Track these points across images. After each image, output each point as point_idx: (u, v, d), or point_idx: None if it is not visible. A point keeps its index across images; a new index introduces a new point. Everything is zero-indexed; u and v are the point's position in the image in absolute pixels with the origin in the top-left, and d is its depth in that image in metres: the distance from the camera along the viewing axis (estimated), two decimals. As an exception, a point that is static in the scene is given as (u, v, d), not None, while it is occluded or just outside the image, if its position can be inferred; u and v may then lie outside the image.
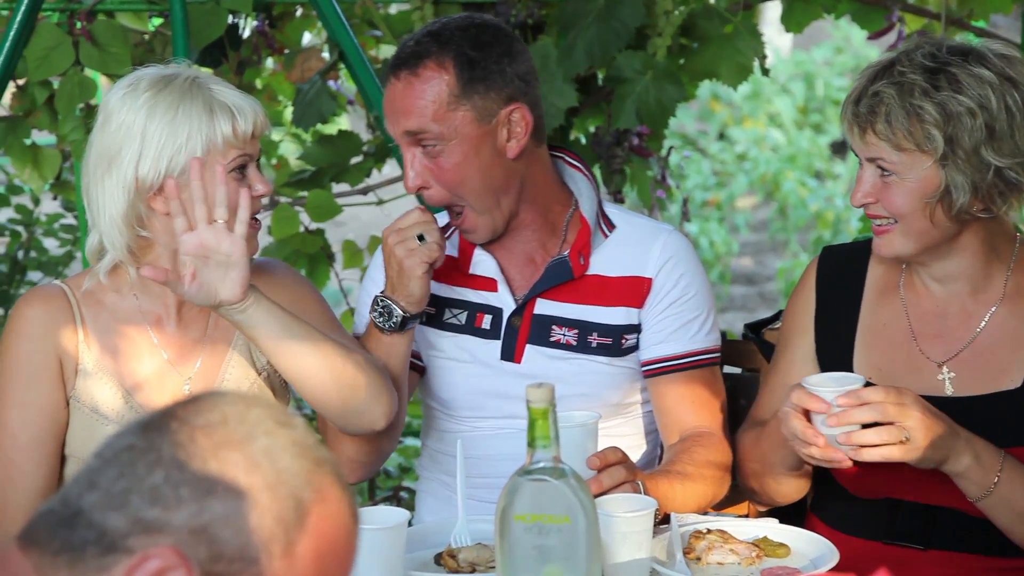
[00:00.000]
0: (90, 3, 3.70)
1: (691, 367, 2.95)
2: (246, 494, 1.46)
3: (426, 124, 2.82)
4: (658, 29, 3.95)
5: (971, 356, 2.73)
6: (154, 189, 2.69)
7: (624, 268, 2.95)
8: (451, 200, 2.87)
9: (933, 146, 2.58)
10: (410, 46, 2.85)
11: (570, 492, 2.14)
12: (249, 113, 2.72)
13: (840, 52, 11.77)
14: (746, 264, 9.42)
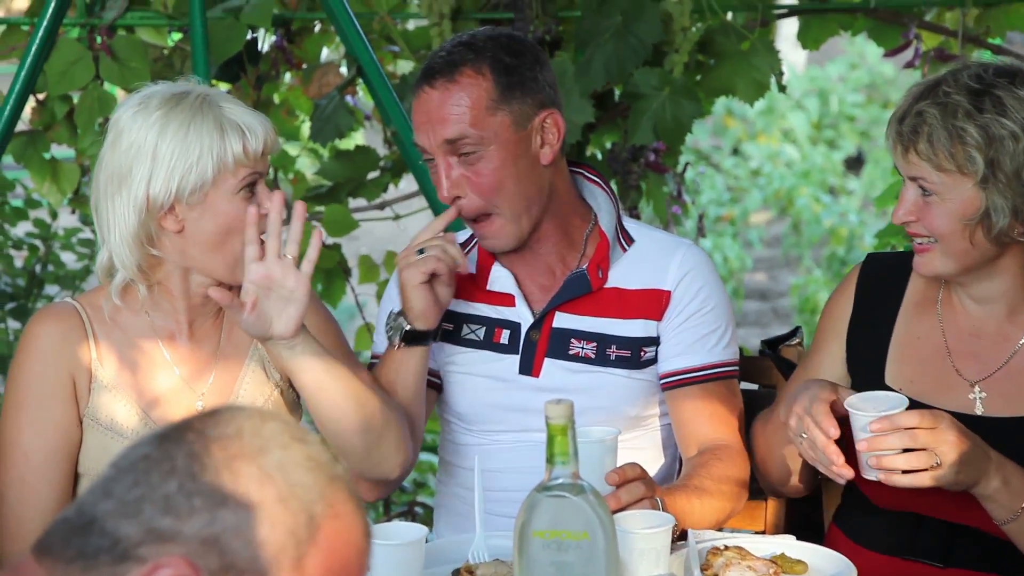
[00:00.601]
0: (110, 18, 3.72)
1: (709, 380, 2.95)
2: (258, 506, 1.46)
3: (465, 130, 2.82)
4: (675, 46, 3.96)
5: (1004, 378, 2.72)
6: (165, 208, 2.67)
7: (643, 281, 2.96)
8: (485, 208, 2.87)
9: (974, 168, 2.59)
10: (442, 56, 2.87)
11: (589, 508, 2.14)
12: (259, 131, 2.72)
13: (855, 68, 11.78)
14: (760, 279, 9.43)
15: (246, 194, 2.71)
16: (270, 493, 1.47)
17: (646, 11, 3.90)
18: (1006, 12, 4.20)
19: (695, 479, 2.83)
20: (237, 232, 2.68)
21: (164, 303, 2.78)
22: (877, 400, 2.57)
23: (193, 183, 2.67)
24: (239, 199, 2.69)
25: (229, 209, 2.70)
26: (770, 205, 10.27)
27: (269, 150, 2.75)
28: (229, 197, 2.70)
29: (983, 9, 4.19)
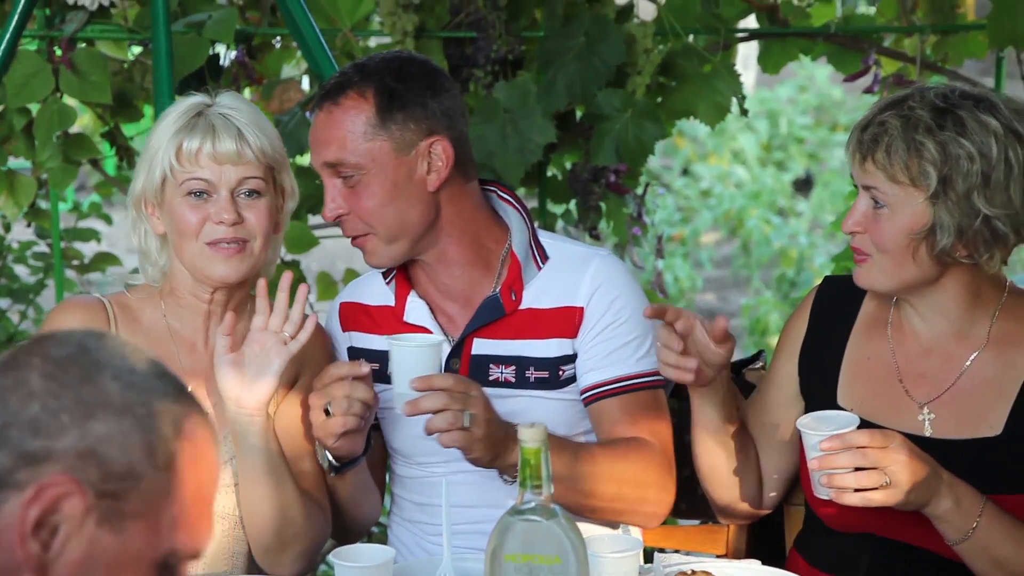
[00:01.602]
0: (71, 31, 3.69)
1: (629, 390, 2.92)
2: (124, 412, 1.52)
3: (342, 155, 2.83)
4: (638, 67, 3.97)
5: (952, 400, 2.74)
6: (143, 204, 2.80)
7: (555, 299, 2.93)
8: (363, 229, 2.87)
9: (927, 183, 2.61)
10: (335, 78, 2.89)
11: (561, 532, 2.13)
12: (200, 135, 2.74)
13: (804, 91, 11.89)
14: (709, 300, 9.46)
15: (192, 200, 2.75)
16: (133, 398, 1.53)
17: (609, 33, 3.91)
18: (964, 39, 4.26)
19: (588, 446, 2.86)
20: (188, 236, 2.76)
21: (185, 313, 2.84)
22: (828, 419, 2.60)
23: (151, 184, 2.78)
24: (185, 204, 2.76)
25: (177, 212, 2.77)
26: (720, 226, 10.32)
27: (224, 158, 2.75)
28: (177, 200, 2.77)
29: (941, 36, 4.24)
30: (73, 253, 4.65)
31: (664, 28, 3.99)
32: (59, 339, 1.58)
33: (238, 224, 2.77)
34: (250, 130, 2.78)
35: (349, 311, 3.03)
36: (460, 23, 4.04)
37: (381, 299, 3.00)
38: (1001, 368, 2.72)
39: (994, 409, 2.71)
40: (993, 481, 2.66)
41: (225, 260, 2.76)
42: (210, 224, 2.75)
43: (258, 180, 2.79)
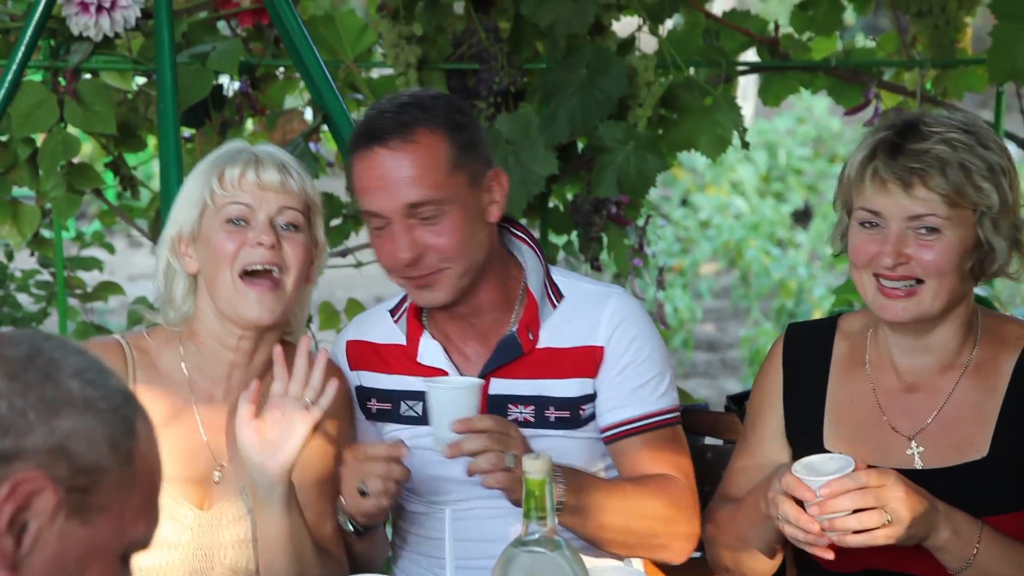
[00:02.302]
0: (75, 62, 3.70)
1: (650, 429, 2.92)
2: (86, 409, 1.56)
3: (428, 193, 2.77)
4: (639, 100, 3.99)
5: (938, 429, 2.75)
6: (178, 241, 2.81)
7: (575, 338, 2.91)
8: (438, 266, 2.82)
9: (986, 201, 2.63)
10: (390, 116, 2.80)
11: (565, 564, 2.14)
12: (244, 163, 2.75)
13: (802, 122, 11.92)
14: (709, 330, 9.47)
15: (230, 227, 2.74)
16: (92, 394, 1.58)
17: (611, 65, 3.93)
18: (963, 73, 4.28)
19: (622, 483, 2.85)
20: (223, 264, 2.73)
21: (201, 358, 2.80)
22: (824, 463, 2.59)
23: (189, 218, 2.78)
24: (222, 231, 2.75)
25: (214, 240, 2.76)
26: (719, 256, 10.34)
27: (267, 185, 2.75)
28: (216, 228, 2.76)
29: (941, 70, 4.26)
30: (76, 282, 4.66)
31: (665, 61, 4.02)
32: (11, 340, 1.62)
33: (275, 249, 2.74)
34: (293, 167, 2.80)
35: (356, 349, 3.00)
36: (462, 55, 4.06)
37: (390, 337, 2.97)
38: (982, 392, 2.74)
39: (978, 432, 2.72)
40: (983, 503, 2.68)
41: (258, 299, 2.73)
42: (247, 248, 2.73)
43: (298, 213, 2.78)
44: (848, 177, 2.71)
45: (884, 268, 2.66)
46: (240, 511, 2.77)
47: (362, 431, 3.00)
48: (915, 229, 2.65)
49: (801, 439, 2.82)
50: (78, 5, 3.66)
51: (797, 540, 2.57)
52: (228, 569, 2.76)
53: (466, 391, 2.65)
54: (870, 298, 2.72)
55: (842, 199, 2.76)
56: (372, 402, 2.98)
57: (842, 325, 2.90)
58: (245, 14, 3.94)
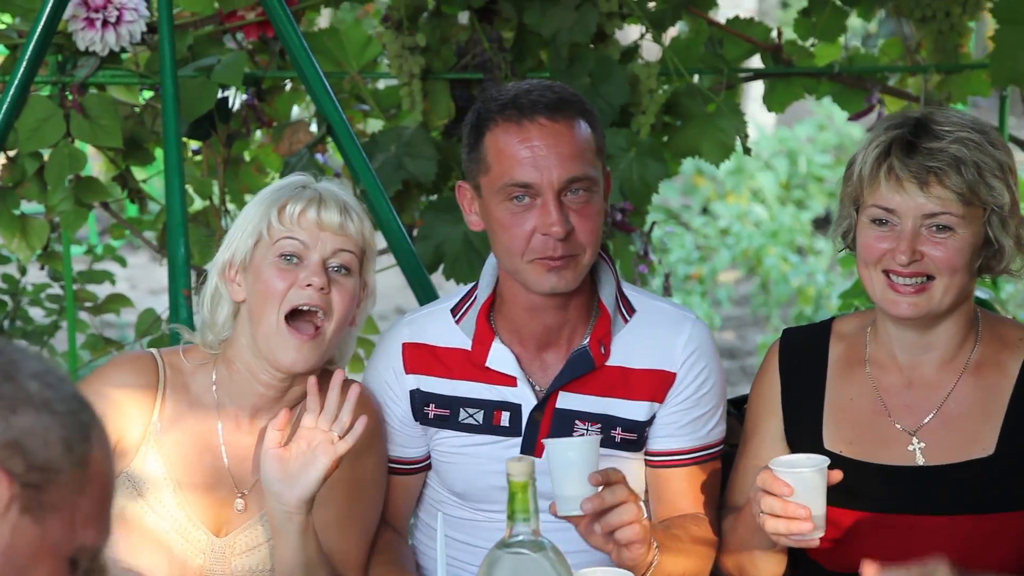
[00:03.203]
0: (82, 76, 3.75)
1: (696, 462, 2.94)
2: (44, 408, 1.60)
3: (587, 170, 2.78)
4: (642, 107, 4.01)
5: (939, 425, 2.77)
6: (228, 268, 2.80)
7: (648, 360, 2.89)
8: (573, 251, 2.79)
9: (997, 200, 2.66)
10: (540, 93, 2.79)
11: (549, 565, 2.16)
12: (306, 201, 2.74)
13: (823, 129, 11.90)
14: (728, 338, 9.47)
15: (282, 263, 2.73)
16: (51, 396, 1.61)
17: (614, 73, 3.96)
18: (967, 78, 4.28)
19: (675, 527, 2.83)
20: (270, 300, 2.72)
21: (232, 384, 2.79)
22: (799, 462, 2.60)
23: (243, 246, 2.77)
24: (274, 266, 2.73)
25: (264, 274, 2.74)
26: (739, 264, 10.33)
27: (327, 226, 2.74)
28: (267, 262, 2.75)
29: (944, 75, 4.27)
30: (86, 295, 4.69)
31: (668, 69, 4.04)
32: None
33: (324, 293, 2.73)
34: (355, 210, 2.79)
35: (414, 352, 2.94)
36: (467, 65, 4.09)
37: (451, 341, 2.93)
38: (984, 390, 2.76)
39: (984, 430, 2.74)
40: (988, 501, 2.70)
41: (297, 347, 2.72)
42: (296, 289, 2.72)
43: (352, 256, 2.77)
44: (860, 174, 2.71)
45: (898, 265, 2.67)
46: (254, 541, 2.78)
47: (407, 435, 2.96)
48: (928, 227, 2.66)
49: (801, 441, 2.83)
50: (84, 20, 3.71)
51: (779, 534, 2.58)
52: None
53: (590, 444, 2.58)
54: (879, 295, 2.73)
55: (851, 196, 2.76)
56: (430, 407, 2.93)
57: (836, 328, 2.92)
58: (250, 27, 3.98)
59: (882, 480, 2.76)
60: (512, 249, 2.79)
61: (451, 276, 3.95)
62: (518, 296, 2.87)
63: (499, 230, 2.81)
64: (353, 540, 2.84)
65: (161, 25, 3.56)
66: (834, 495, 2.61)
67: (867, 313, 2.93)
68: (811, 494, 2.55)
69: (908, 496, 2.74)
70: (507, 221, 2.79)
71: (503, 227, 2.80)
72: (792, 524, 2.55)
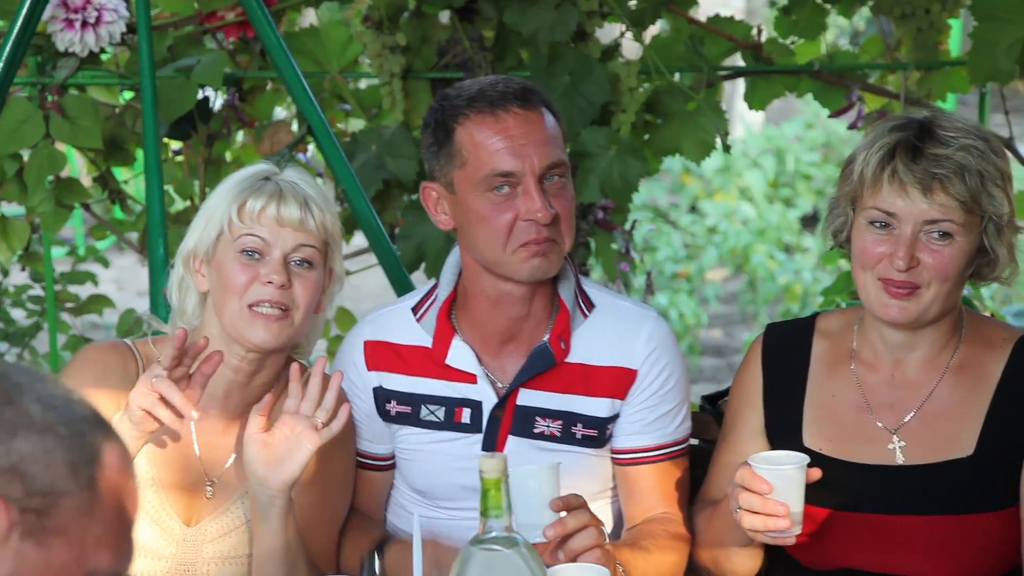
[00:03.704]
0: (62, 77, 3.75)
1: (663, 459, 2.95)
2: (46, 432, 1.57)
3: (563, 156, 2.85)
4: (622, 105, 4.01)
5: (920, 424, 2.77)
6: (192, 258, 2.82)
7: (609, 357, 2.92)
8: (555, 235, 2.82)
9: (997, 209, 2.66)
10: (507, 84, 2.85)
11: (521, 562, 2.17)
12: (267, 196, 2.76)
13: (811, 128, 11.90)
14: (715, 336, 9.48)
15: (244, 258, 2.75)
16: (54, 419, 1.59)
17: (594, 71, 3.96)
18: (947, 75, 4.29)
19: (641, 540, 2.84)
20: (232, 293, 2.75)
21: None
22: (779, 459, 2.61)
23: (206, 239, 2.79)
24: (236, 261, 2.76)
25: (226, 269, 2.77)
26: (726, 262, 10.33)
27: (287, 222, 2.75)
28: (229, 257, 2.77)
29: (924, 72, 4.27)
30: (67, 296, 4.69)
31: (648, 67, 4.04)
32: None
33: (285, 289, 2.76)
34: (316, 202, 2.80)
35: (376, 350, 2.97)
36: (447, 64, 4.09)
37: (411, 338, 2.95)
38: (966, 391, 2.76)
39: (964, 430, 2.74)
40: (966, 501, 2.70)
41: (265, 326, 2.75)
42: (257, 285, 2.75)
43: (313, 250, 2.79)
44: (861, 174, 2.70)
45: (895, 271, 2.67)
46: (225, 528, 2.80)
47: (373, 430, 2.99)
48: (927, 233, 2.66)
49: (780, 437, 2.84)
50: (63, 21, 3.70)
51: (756, 531, 2.59)
52: None
53: (551, 471, 2.59)
54: (872, 297, 2.72)
55: (848, 195, 2.76)
56: (392, 404, 2.96)
57: (820, 324, 2.92)
58: (230, 27, 3.98)
59: (861, 478, 2.76)
60: (495, 240, 2.81)
61: (433, 275, 3.95)
62: (486, 290, 2.89)
63: (478, 223, 2.82)
64: (323, 529, 2.87)
65: (139, 26, 3.56)
66: (812, 492, 2.62)
67: (853, 310, 2.93)
68: (790, 491, 2.56)
69: (887, 495, 2.74)
70: (488, 212, 2.81)
71: (484, 219, 2.81)
72: (770, 521, 2.55)
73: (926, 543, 2.71)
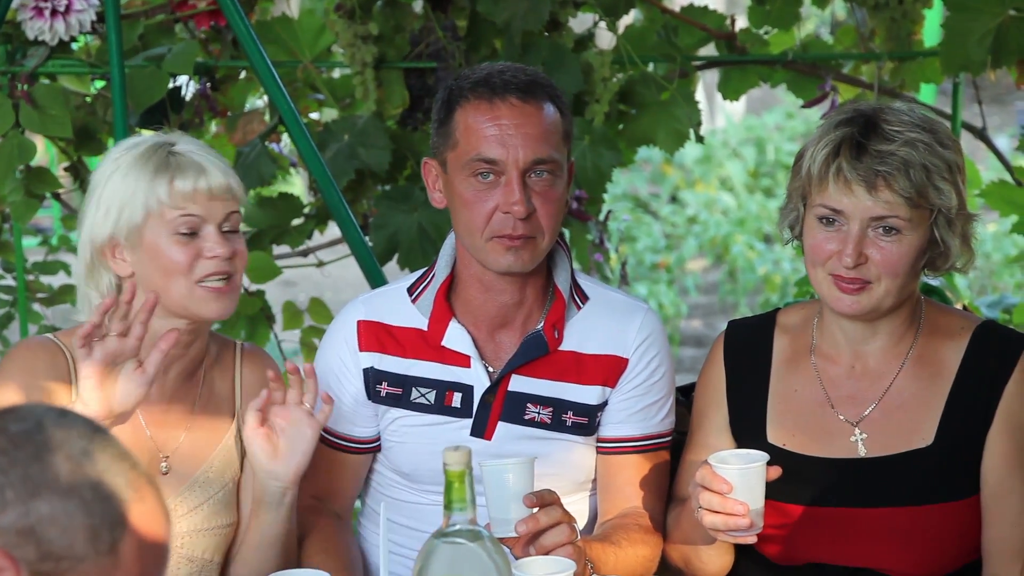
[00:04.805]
0: (31, 66, 3.73)
1: (646, 450, 2.95)
2: (70, 494, 1.52)
3: (553, 153, 2.81)
4: (596, 96, 4.01)
5: (881, 416, 2.77)
6: (106, 247, 2.75)
7: (601, 346, 2.92)
8: (532, 232, 2.80)
9: (945, 202, 2.66)
10: (513, 74, 2.83)
11: (485, 555, 2.16)
12: (192, 174, 2.73)
13: (791, 118, 11.93)
14: (695, 326, 9.49)
15: (181, 239, 2.73)
16: (81, 481, 1.53)
17: (567, 61, 3.95)
18: (920, 65, 4.29)
19: (613, 536, 2.83)
20: (176, 274, 2.72)
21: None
22: (739, 457, 2.61)
23: (127, 224, 2.72)
24: (173, 242, 2.73)
25: (164, 251, 2.73)
26: (706, 252, 10.35)
27: (216, 193, 2.75)
28: (164, 239, 2.73)
29: (898, 62, 4.28)
30: (38, 286, 4.67)
31: (622, 57, 4.03)
32: (20, 414, 1.59)
33: (231, 258, 2.76)
34: (225, 168, 2.79)
35: (369, 330, 2.95)
36: (420, 54, 4.08)
37: (406, 320, 2.93)
38: (925, 381, 2.76)
39: (924, 420, 2.74)
40: (928, 491, 2.70)
41: (217, 299, 2.75)
42: (202, 260, 2.73)
43: (238, 215, 2.80)
44: (809, 172, 2.70)
45: (843, 268, 2.66)
46: (192, 503, 2.80)
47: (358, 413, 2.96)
48: (875, 229, 2.66)
49: (745, 435, 2.84)
50: (32, 10, 3.68)
51: (716, 530, 2.59)
52: (184, 558, 2.79)
53: (526, 465, 2.58)
54: (824, 291, 2.73)
55: (798, 191, 2.76)
56: (382, 385, 2.94)
57: (780, 320, 2.92)
58: (201, 16, 3.96)
59: (824, 473, 2.76)
60: (472, 226, 2.81)
61: (405, 265, 3.94)
62: (476, 275, 2.89)
63: (461, 206, 2.83)
64: None
65: (108, 14, 3.53)
66: (777, 488, 2.62)
67: (812, 304, 2.92)
68: (750, 490, 2.56)
69: (850, 488, 2.74)
70: (470, 197, 2.81)
71: (465, 203, 2.82)
72: (730, 520, 2.56)
73: (890, 535, 2.71)
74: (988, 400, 2.73)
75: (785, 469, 2.61)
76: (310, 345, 4.38)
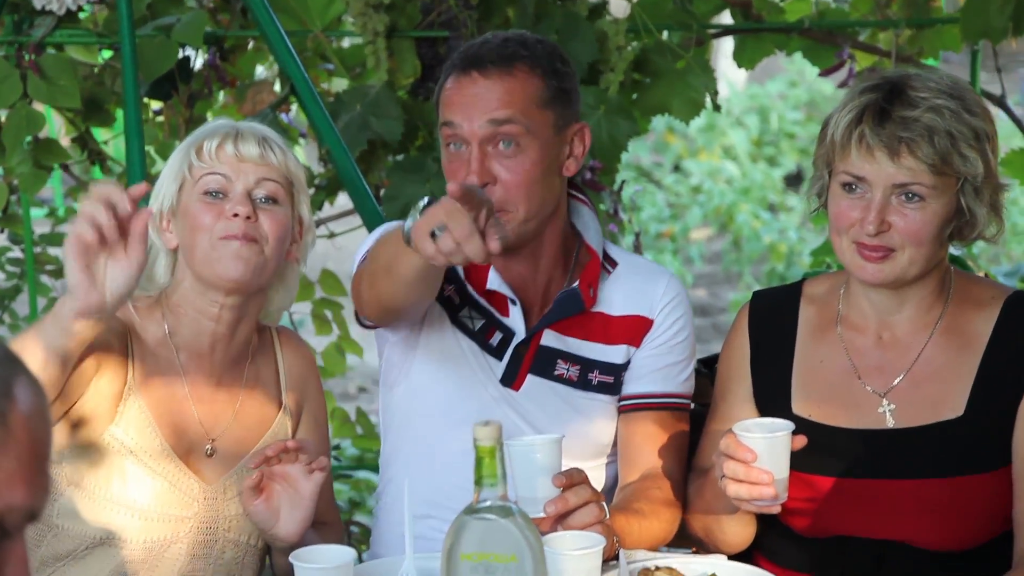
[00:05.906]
0: (39, 36, 3.68)
1: (665, 408, 2.95)
2: None
3: (516, 115, 2.79)
4: (611, 65, 3.97)
5: (910, 386, 2.75)
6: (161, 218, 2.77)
7: (628, 307, 2.95)
8: (502, 204, 2.79)
9: (971, 170, 2.62)
10: (493, 47, 2.84)
11: (517, 531, 2.12)
12: (222, 135, 2.73)
13: (794, 86, 11.87)
14: (700, 295, 9.47)
15: (208, 199, 2.72)
16: None
17: (581, 30, 3.91)
18: (939, 32, 4.25)
19: (635, 503, 2.83)
20: (200, 231, 2.70)
21: (185, 332, 2.75)
22: (763, 427, 2.59)
23: (169, 195, 2.76)
24: (199, 202, 2.72)
25: (192, 211, 2.73)
26: (710, 222, 10.32)
27: (246, 158, 2.72)
28: (193, 201, 2.73)
29: (916, 30, 4.24)
30: (47, 258, 4.65)
31: (636, 25, 3.99)
32: None
33: (252, 220, 2.69)
34: (274, 142, 2.76)
35: None
36: (432, 23, 4.03)
37: None
38: (955, 352, 2.73)
39: (953, 392, 2.71)
40: (958, 463, 2.68)
41: (235, 256, 2.67)
42: (224, 219, 2.69)
43: (276, 185, 2.73)
44: (832, 138, 2.68)
45: (865, 235, 2.64)
46: (240, 487, 2.77)
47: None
48: (898, 196, 2.63)
49: (769, 405, 2.81)
50: (39, -21, 3.64)
51: (741, 499, 2.56)
52: (230, 542, 2.78)
53: (554, 444, 2.55)
54: (848, 259, 2.71)
55: (824, 158, 2.74)
56: (450, 288, 2.94)
57: (806, 290, 2.90)
58: (211, -15, 3.92)
59: (852, 444, 2.74)
60: None
61: (418, 237, 3.90)
62: None
63: (445, 174, 2.87)
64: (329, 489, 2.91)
65: (118, -17, 3.50)
66: (803, 459, 2.59)
67: (839, 274, 2.90)
68: (774, 459, 2.54)
69: (878, 459, 2.72)
70: (445, 165, 2.86)
71: (445, 170, 2.87)
72: (754, 489, 2.53)
73: (918, 507, 2.69)
74: (1021, 370, 2.70)
75: (811, 440, 2.59)
76: (321, 317, 4.35)
